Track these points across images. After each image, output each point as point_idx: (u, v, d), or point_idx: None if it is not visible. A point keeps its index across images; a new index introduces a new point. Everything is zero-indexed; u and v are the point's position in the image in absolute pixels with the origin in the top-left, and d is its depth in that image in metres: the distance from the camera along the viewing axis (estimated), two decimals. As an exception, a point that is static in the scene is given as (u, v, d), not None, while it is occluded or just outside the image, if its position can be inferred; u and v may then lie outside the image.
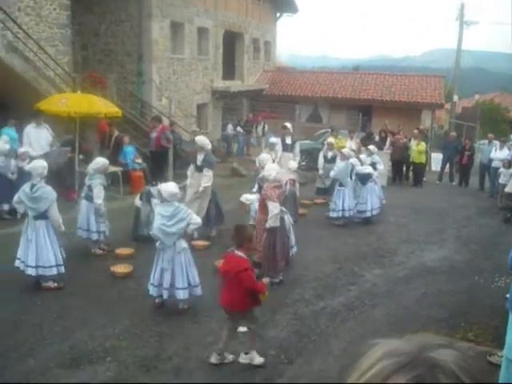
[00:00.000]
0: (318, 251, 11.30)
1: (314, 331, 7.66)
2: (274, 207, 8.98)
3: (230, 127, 25.96)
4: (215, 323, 7.70)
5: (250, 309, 6.58)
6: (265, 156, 11.97)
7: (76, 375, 6.27)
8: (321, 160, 15.80)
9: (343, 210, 13.26)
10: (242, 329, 7.35)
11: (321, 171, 15.71)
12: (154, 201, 10.45)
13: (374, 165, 14.22)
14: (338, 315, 8.25)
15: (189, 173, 11.75)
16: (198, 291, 8.04)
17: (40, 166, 8.71)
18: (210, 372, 6.46)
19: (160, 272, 7.86)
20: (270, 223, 9.03)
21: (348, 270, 10.33)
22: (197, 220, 8.14)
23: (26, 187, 8.63)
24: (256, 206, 9.92)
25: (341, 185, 13.32)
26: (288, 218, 9.83)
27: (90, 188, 10.27)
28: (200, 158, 11.53)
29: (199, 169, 11.54)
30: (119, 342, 7.07)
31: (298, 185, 14.21)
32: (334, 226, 13.32)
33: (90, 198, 10.25)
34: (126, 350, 6.88)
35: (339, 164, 13.55)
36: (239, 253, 6.48)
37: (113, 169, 15.18)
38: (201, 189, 11.41)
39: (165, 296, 7.92)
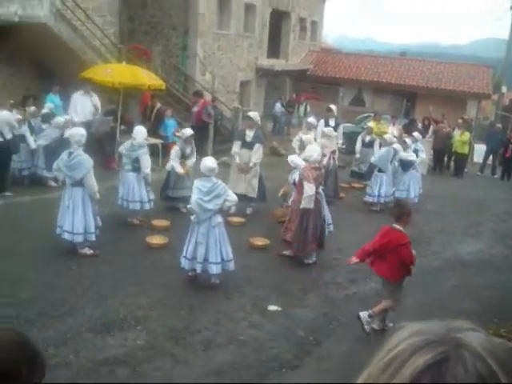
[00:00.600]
0: (352, 235, 11.21)
1: (344, 315, 7.64)
2: (309, 188, 8.94)
3: (278, 106, 25.75)
4: (246, 299, 7.77)
5: (402, 279, 7.08)
6: (309, 137, 11.98)
7: (106, 341, 6.38)
8: (358, 144, 15.63)
9: (379, 195, 13.17)
10: (273, 307, 7.42)
11: (357, 155, 15.56)
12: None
13: (416, 152, 14.06)
14: (369, 301, 8.17)
15: (236, 149, 11.66)
16: (231, 266, 8.08)
17: (78, 133, 8.81)
18: (239, 347, 6.51)
19: (194, 245, 7.90)
20: (303, 204, 9.00)
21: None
22: (233, 197, 8.14)
23: (64, 155, 8.75)
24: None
25: (380, 170, 13.21)
26: (323, 198, 9.77)
27: (135, 160, 10.36)
28: (250, 133, 11.56)
29: (249, 145, 11.55)
30: (150, 311, 7.17)
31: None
32: (370, 211, 13.22)
33: (136, 170, 10.35)
34: (156, 320, 6.98)
35: (381, 149, 13.44)
36: (398, 226, 6.93)
37: (153, 141, 15.30)
38: (252, 164, 11.46)
39: (198, 270, 7.97)
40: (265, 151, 18.59)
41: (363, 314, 7.01)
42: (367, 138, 15.47)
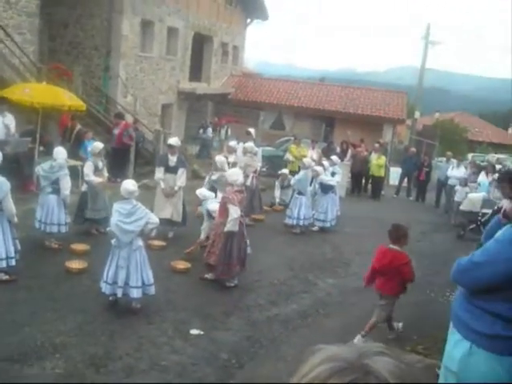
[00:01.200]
0: (273, 258, 11.32)
1: (267, 337, 7.66)
2: (234, 211, 8.97)
3: (209, 130, 25.63)
4: (168, 324, 7.66)
5: (398, 294, 7.66)
6: (222, 158, 12.02)
7: (23, 370, 6.13)
8: (277, 191, 15.73)
9: (298, 218, 13.36)
10: (195, 331, 7.36)
11: (277, 199, 15.68)
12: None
13: (333, 174, 14.39)
14: (290, 322, 8.27)
15: (160, 175, 11.64)
16: (152, 290, 7.98)
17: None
18: (161, 373, 6.40)
19: (115, 269, 7.76)
20: (228, 227, 9.00)
21: (302, 277, 10.37)
22: (155, 219, 8.09)
23: None
24: (208, 206, 10.00)
25: (299, 193, 13.42)
26: (244, 222, 9.86)
27: (55, 181, 10.10)
28: (173, 158, 11.61)
29: (172, 169, 11.59)
30: (69, 338, 6.95)
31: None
32: (290, 234, 13.38)
33: (57, 191, 10.10)
34: (75, 347, 6.76)
35: (300, 173, 13.69)
36: (394, 247, 7.48)
37: (73, 162, 14.97)
38: (177, 188, 11.55)
39: (119, 294, 7.81)
40: (187, 175, 18.59)
41: (357, 341, 7.24)
42: (285, 183, 15.53)
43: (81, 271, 9.25)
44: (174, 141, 11.97)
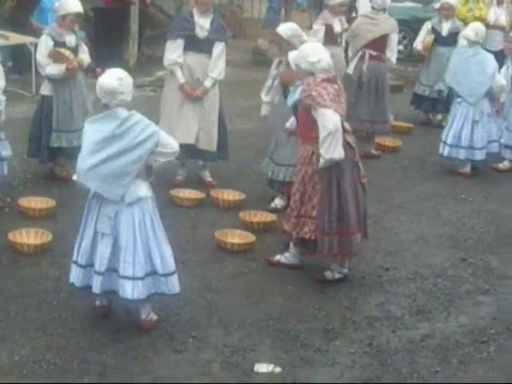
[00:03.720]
0: (420, 224, 11.28)
1: (407, 381, 7.65)
2: (328, 119, 8.82)
3: None
4: (212, 352, 7.72)
5: None
6: (291, 27, 11.60)
7: None
8: (420, 38, 15.75)
9: (471, 147, 13.20)
10: (264, 367, 7.45)
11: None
12: None
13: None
14: (454, 352, 8.23)
15: (176, 57, 11.57)
16: (173, 286, 7.93)
17: None
18: None
19: (91, 239, 7.81)
20: (324, 155, 8.87)
21: (479, 264, 10.34)
22: (171, 145, 7.82)
23: None
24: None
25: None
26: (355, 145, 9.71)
27: None
28: (204, 22, 11.50)
29: (202, 45, 11.54)
30: (22, 378, 7.08)
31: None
32: (453, 176, 13.27)
33: None
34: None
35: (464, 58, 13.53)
36: None
37: (18, 38, 15.13)
38: (207, 83, 11.47)
39: (95, 289, 7.75)
40: (243, 56, 18.57)
41: None
42: (444, 28, 15.48)
43: (38, 249, 9.45)
44: None
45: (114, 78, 7.57)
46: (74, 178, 8.00)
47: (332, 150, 8.71)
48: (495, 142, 13.35)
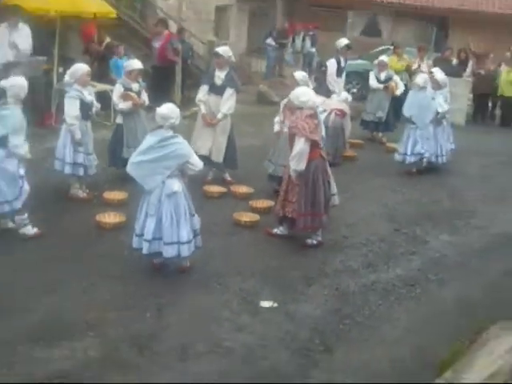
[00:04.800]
0: (369, 207, 11.30)
1: (361, 312, 7.65)
2: (299, 144, 8.98)
3: (269, 40, 25.49)
4: (231, 293, 7.75)
5: None
6: (303, 74, 11.81)
7: (49, 352, 6.32)
8: (372, 82, 15.87)
9: (415, 153, 13.28)
10: (266, 303, 7.46)
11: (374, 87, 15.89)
12: None
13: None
14: (392, 292, 8.24)
15: (201, 96, 11.61)
16: (184, 251, 7.97)
17: (18, 84, 8.90)
18: (223, 357, 6.49)
19: (144, 218, 7.93)
20: (292, 167, 9.09)
21: (409, 233, 10.33)
22: (197, 164, 8.01)
23: None
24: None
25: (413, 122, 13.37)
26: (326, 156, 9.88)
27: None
28: (221, 74, 11.45)
29: (218, 90, 11.46)
30: (105, 312, 7.11)
31: (349, 120, 14.46)
32: (390, 175, 13.30)
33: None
34: (113, 323, 6.92)
35: (410, 95, 13.58)
36: None
37: (101, 87, 15.16)
38: (220, 116, 11.39)
39: (144, 250, 7.92)
40: (250, 99, 18.61)
41: None
42: (382, 76, 15.60)
43: (117, 226, 9.49)
44: (222, 50, 11.71)
45: (167, 108, 7.85)
46: (127, 169, 8.16)
47: (297, 164, 8.96)
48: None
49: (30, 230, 8.94)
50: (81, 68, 10.54)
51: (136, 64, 11.55)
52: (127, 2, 21.05)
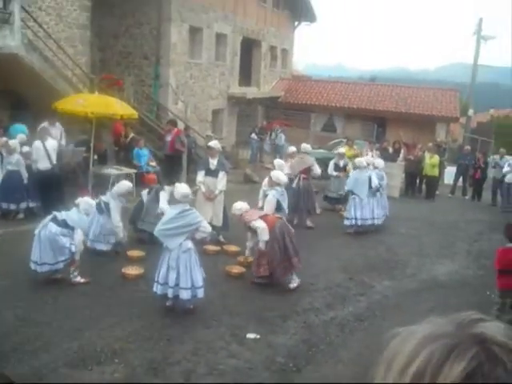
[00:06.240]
0: (328, 261, 11.25)
1: (324, 340, 7.61)
2: (257, 224, 9.28)
3: (253, 135, 25.72)
4: (225, 328, 7.70)
5: None
6: (280, 161, 12.09)
7: (83, 375, 6.25)
8: (330, 171, 15.89)
9: (362, 218, 13.32)
10: (251, 335, 7.37)
11: (333, 177, 15.84)
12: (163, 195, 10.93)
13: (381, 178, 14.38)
14: (347, 325, 8.20)
15: (200, 179, 11.69)
16: (200, 293, 7.98)
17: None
18: (219, 377, 6.42)
19: (166, 270, 7.86)
20: (260, 238, 9.24)
21: (358, 280, 10.26)
22: (207, 228, 8.23)
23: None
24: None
25: (353, 193, 13.40)
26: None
27: (106, 205, 10.34)
28: (214, 161, 11.59)
29: (213, 173, 11.58)
30: (128, 343, 7.05)
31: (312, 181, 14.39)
32: (344, 236, 13.27)
33: (101, 211, 10.33)
34: (134, 351, 6.86)
35: (353, 173, 13.69)
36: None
37: (127, 170, 15.26)
38: (217, 192, 11.53)
39: (169, 294, 7.89)
40: (239, 178, 18.71)
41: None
42: (341, 163, 15.73)
43: (137, 277, 9.39)
44: (213, 143, 11.97)
45: (186, 189, 8.22)
46: (155, 233, 8.20)
47: (262, 236, 9.18)
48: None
49: (80, 279, 8.90)
50: (126, 186, 10.69)
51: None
52: (146, 106, 21.34)
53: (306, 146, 14.30)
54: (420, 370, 0.86)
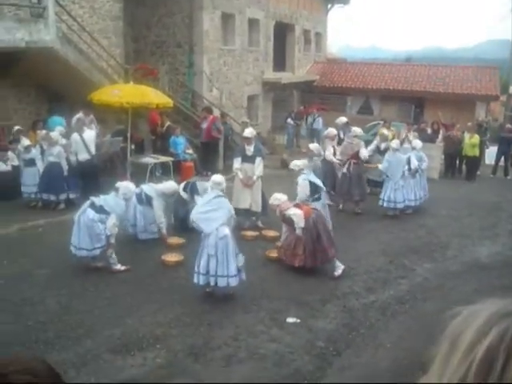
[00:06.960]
0: (368, 244, 11.19)
1: (364, 324, 7.59)
2: (292, 212, 9.33)
3: (289, 120, 25.71)
4: (264, 312, 7.73)
5: None
6: (316, 146, 12.04)
7: (126, 361, 6.35)
8: (372, 149, 15.70)
9: (389, 201, 13.19)
10: (291, 319, 7.39)
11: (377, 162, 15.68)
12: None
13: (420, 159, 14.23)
14: (388, 309, 8.16)
15: (237, 166, 11.72)
16: (233, 281, 7.98)
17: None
18: (259, 362, 6.46)
19: (206, 259, 7.89)
20: (298, 226, 9.23)
21: (399, 263, 10.20)
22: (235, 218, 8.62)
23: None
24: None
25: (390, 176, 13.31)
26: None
27: (147, 196, 10.52)
28: (250, 148, 11.61)
29: (250, 159, 11.61)
30: (169, 329, 7.14)
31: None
32: (384, 219, 13.17)
33: (141, 203, 10.55)
34: (175, 337, 6.95)
35: (387, 155, 13.50)
36: None
37: (164, 158, 15.38)
38: (255, 178, 11.56)
39: (212, 283, 7.94)
40: (275, 164, 18.68)
41: None
42: (382, 145, 15.48)
43: (177, 264, 9.49)
44: (248, 132, 11.95)
45: (220, 177, 8.41)
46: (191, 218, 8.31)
47: (298, 222, 9.21)
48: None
49: (120, 266, 9.06)
50: (174, 187, 11.04)
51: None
52: (182, 94, 21.42)
53: (356, 130, 14.03)
54: (492, 346, 0.86)
